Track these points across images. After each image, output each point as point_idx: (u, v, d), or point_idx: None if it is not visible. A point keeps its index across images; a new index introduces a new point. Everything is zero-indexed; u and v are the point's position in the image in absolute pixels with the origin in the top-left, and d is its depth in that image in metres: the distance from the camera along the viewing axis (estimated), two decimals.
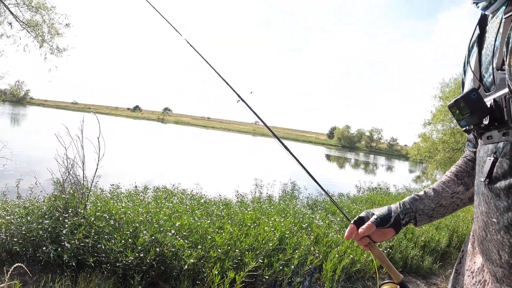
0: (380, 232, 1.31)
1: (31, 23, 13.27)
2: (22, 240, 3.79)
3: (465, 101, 1.02)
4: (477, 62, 1.12)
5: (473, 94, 1.01)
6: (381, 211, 1.34)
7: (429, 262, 5.94)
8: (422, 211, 1.32)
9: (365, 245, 1.32)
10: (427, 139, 27.45)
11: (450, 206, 1.34)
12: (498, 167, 0.96)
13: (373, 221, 1.30)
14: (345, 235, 1.34)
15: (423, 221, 1.33)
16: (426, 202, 1.33)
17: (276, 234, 4.61)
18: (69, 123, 4.71)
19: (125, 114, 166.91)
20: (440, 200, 1.33)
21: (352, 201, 9.86)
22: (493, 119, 0.98)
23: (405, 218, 1.31)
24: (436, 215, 1.34)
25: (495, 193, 0.97)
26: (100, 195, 5.33)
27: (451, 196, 1.34)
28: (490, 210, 1.00)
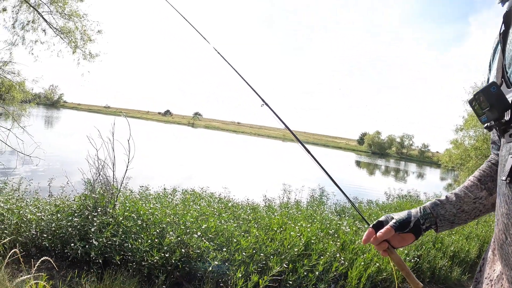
0: (400, 237, 1.28)
1: (64, 29, 13.62)
2: (51, 236, 3.91)
3: (485, 94, 1.00)
4: (501, 59, 1.09)
5: (493, 88, 0.99)
6: (400, 215, 1.30)
7: (457, 273, 5.78)
8: (443, 216, 1.28)
9: (384, 250, 1.28)
10: (459, 146, 26.80)
11: (472, 212, 1.29)
12: None
13: (392, 225, 1.27)
14: (363, 239, 1.31)
15: (444, 226, 1.29)
16: (447, 207, 1.29)
17: (302, 240, 4.58)
18: (100, 126, 4.82)
19: (156, 118, 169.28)
20: (462, 206, 1.29)
21: (380, 208, 9.72)
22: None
23: (425, 223, 1.27)
24: (458, 221, 1.30)
25: None
26: (129, 196, 5.42)
27: (473, 201, 1.29)
28: (510, 211, 0.95)
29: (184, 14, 2.23)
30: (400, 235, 1.28)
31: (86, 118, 69.34)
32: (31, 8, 12.95)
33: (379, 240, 1.26)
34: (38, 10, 13.04)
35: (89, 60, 14.52)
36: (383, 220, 1.32)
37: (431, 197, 14.90)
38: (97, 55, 14.66)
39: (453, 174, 42.94)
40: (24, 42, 13.48)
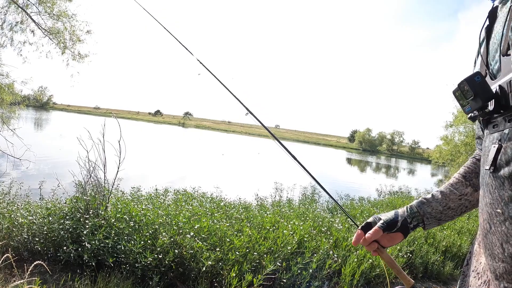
0: (389, 236, 1.31)
1: (53, 30, 13.50)
2: (43, 240, 3.89)
3: (469, 83, 1.01)
4: (485, 52, 1.11)
5: (477, 77, 1.00)
6: (387, 215, 1.34)
7: (450, 268, 5.83)
8: (430, 214, 1.31)
9: (374, 250, 1.32)
10: (449, 142, 27.02)
11: (458, 209, 1.33)
12: (502, 154, 0.93)
13: (379, 226, 1.30)
14: (352, 240, 1.35)
15: (431, 224, 1.32)
16: (433, 205, 1.32)
17: (295, 238, 4.60)
18: (91, 127, 4.80)
19: (146, 118, 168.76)
20: (448, 203, 1.32)
21: (372, 205, 9.77)
22: (499, 105, 0.96)
23: (412, 222, 1.31)
24: (445, 218, 1.33)
25: (499, 182, 0.94)
26: (121, 198, 5.40)
27: (459, 198, 1.32)
28: (494, 200, 0.96)
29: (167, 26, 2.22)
30: (389, 234, 1.31)
31: (76, 120, 68.90)
32: (20, 8, 12.83)
33: (368, 241, 1.30)
34: (26, 11, 12.93)
35: (78, 61, 14.43)
36: (371, 221, 1.35)
37: (422, 193, 15.03)
38: (86, 55, 14.57)
39: (444, 170, 43.28)
40: (13, 43, 13.36)
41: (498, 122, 0.99)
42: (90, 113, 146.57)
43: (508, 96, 0.93)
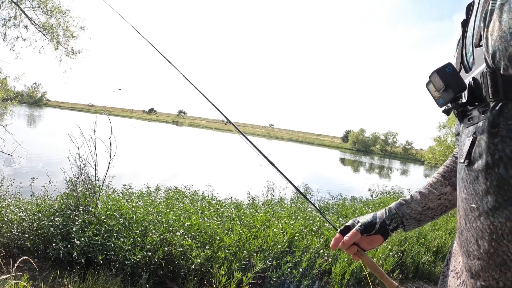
0: (368, 239, 1.30)
1: (46, 26, 13.43)
2: (33, 236, 3.87)
3: (439, 74, 1.01)
4: (461, 47, 1.11)
5: (448, 68, 1.00)
6: (366, 218, 1.33)
7: (441, 268, 5.83)
8: (409, 215, 1.31)
9: (354, 253, 1.30)
10: (442, 143, 27.19)
11: (438, 208, 1.32)
12: (476, 146, 0.92)
13: (357, 229, 1.29)
14: (331, 244, 1.33)
15: (411, 225, 1.32)
16: (412, 206, 1.32)
17: (285, 236, 4.60)
18: (83, 124, 4.78)
19: (140, 116, 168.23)
20: (427, 203, 1.32)
21: (364, 204, 9.80)
22: (473, 97, 0.96)
23: (391, 224, 1.30)
24: (425, 219, 1.33)
25: (473, 176, 0.93)
26: (112, 195, 5.38)
27: (438, 198, 1.32)
28: (469, 195, 0.95)
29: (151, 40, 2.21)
30: (368, 237, 1.30)
31: (69, 117, 68.58)
32: (13, 3, 12.76)
33: (346, 244, 1.28)
34: (20, 6, 12.86)
35: (72, 57, 14.39)
36: (350, 224, 1.34)
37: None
38: (79, 52, 14.54)
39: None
40: (6, 38, 13.31)
41: (473, 115, 0.98)
42: (83, 110, 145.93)
43: (481, 87, 0.92)
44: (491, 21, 0.84)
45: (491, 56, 0.84)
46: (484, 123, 0.90)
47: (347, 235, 1.28)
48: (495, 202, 0.84)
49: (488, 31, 0.85)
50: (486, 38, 0.86)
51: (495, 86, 0.86)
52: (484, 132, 0.89)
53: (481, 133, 0.90)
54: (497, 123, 0.85)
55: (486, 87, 0.89)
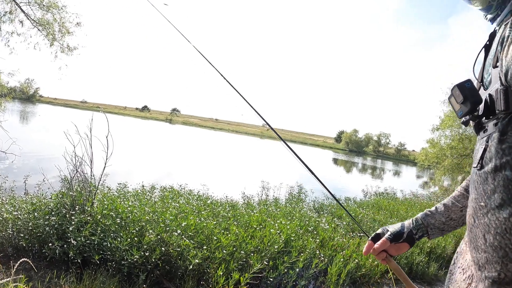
0: (396, 246, 1.44)
1: (42, 21, 13.29)
2: (28, 236, 3.82)
3: (459, 88, 1.13)
4: (482, 67, 1.23)
5: (467, 83, 1.12)
6: (395, 227, 1.47)
7: (434, 269, 5.89)
8: (433, 225, 1.44)
9: (383, 259, 1.45)
10: (435, 145, 27.26)
11: (460, 219, 1.44)
12: (487, 152, 1.03)
13: (387, 238, 1.43)
14: (363, 251, 1.49)
15: (435, 234, 1.45)
16: (437, 217, 1.45)
17: (281, 237, 4.60)
18: (78, 122, 4.74)
19: (133, 113, 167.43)
20: (450, 214, 1.44)
21: (358, 205, 9.84)
22: (488, 111, 1.06)
23: (418, 233, 1.43)
24: (447, 228, 1.45)
25: (483, 178, 1.04)
26: (107, 194, 5.35)
27: (460, 210, 1.43)
28: (478, 195, 1.06)
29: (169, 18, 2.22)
30: (396, 245, 1.43)
31: (63, 113, 68.21)
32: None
33: (377, 251, 1.43)
34: (16, 1, 12.72)
35: (67, 53, 14.25)
36: (380, 232, 1.49)
37: (407, 195, 15.18)
38: (75, 48, 14.40)
39: (429, 173, 43.65)
40: (0, 33, 13.14)
41: (488, 127, 1.08)
42: (77, 107, 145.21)
43: (495, 102, 1.03)
44: (505, 45, 0.99)
45: (504, 74, 0.98)
46: (495, 133, 1.01)
47: (377, 243, 1.43)
48: (501, 200, 0.95)
49: (503, 53, 1.00)
50: (501, 59, 1.01)
51: (507, 100, 0.98)
52: (495, 139, 1.01)
53: (492, 141, 1.02)
54: (506, 131, 0.98)
55: (499, 102, 1.01)
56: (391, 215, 8.87)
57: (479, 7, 1.23)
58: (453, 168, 25.31)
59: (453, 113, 24.96)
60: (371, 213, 8.35)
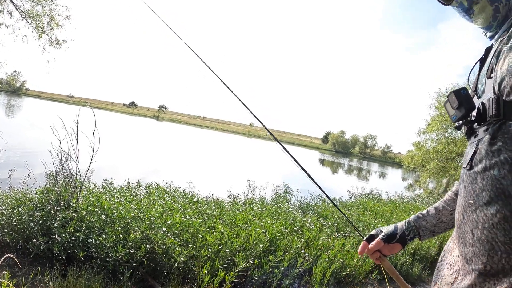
0: (389, 246, 1.54)
1: (31, 13, 13.13)
2: (12, 232, 3.77)
3: (455, 94, 1.23)
4: (476, 78, 1.35)
5: (463, 91, 1.23)
6: (388, 229, 1.57)
7: (418, 270, 5.97)
8: (424, 227, 1.54)
9: (376, 258, 1.54)
10: (421, 148, 27.55)
11: (450, 222, 1.54)
12: (477, 154, 1.14)
13: (381, 238, 1.54)
14: (358, 250, 1.59)
15: (426, 235, 1.55)
16: (428, 219, 1.55)
17: (267, 236, 4.62)
18: (64, 116, 4.69)
19: (120, 109, 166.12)
20: (440, 217, 1.55)
21: (344, 206, 9.89)
22: (480, 117, 1.17)
23: (410, 234, 1.54)
24: (438, 230, 1.55)
25: (472, 178, 1.14)
26: (93, 190, 5.31)
27: (450, 213, 1.54)
28: (467, 194, 1.16)
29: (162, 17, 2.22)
30: (389, 245, 1.54)
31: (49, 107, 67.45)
32: None
33: (371, 250, 1.53)
34: None
35: (55, 46, 14.12)
36: (374, 233, 1.59)
37: (392, 196, 15.32)
38: (64, 41, 14.28)
39: (415, 175, 44.06)
40: None
41: (479, 132, 1.19)
42: (63, 101, 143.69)
43: (487, 109, 1.14)
44: (501, 58, 1.11)
45: (498, 84, 1.09)
46: (485, 137, 1.12)
47: (372, 243, 1.54)
48: (489, 197, 1.06)
49: (498, 65, 1.12)
50: (496, 70, 1.12)
51: (498, 108, 1.09)
52: (485, 142, 1.11)
53: (482, 144, 1.13)
54: (496, 136, 1.08)
55: (490, 109, 1.12)
56: (376, 216, 8.93)
57: (480, 26, 1.34)
58: (438, 171, 25.60)
59: (440, 117, 25.46)
60: (357, 214, 8.39)
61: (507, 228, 1.01)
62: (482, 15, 1.29)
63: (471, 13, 1.30)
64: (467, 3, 1.29)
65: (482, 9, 1.27)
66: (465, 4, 1.30)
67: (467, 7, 1.29)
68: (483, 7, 1.27)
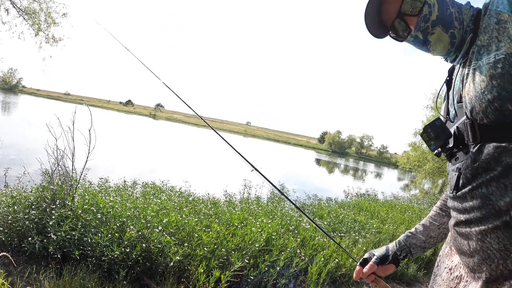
0: (383, 268, 1.59)
1: (28, 10, 13.08)
2: (7, 230, 3.76)
3: (431, 127, 1.31)
4: (446, 101, 1.42)
5: (437, 122, 1.30)
6: (380, 251, 1.63)
7: (413, 270, 5.99)
8: (415, 244, 1.61)
9: (372, 280, 1.60)
10: (417, 149, 27.62)
11: (439, 236, 1.62)
12: (462, 178, 1.20)
13: (374, 261, 1.59)
14: (354, 276, 1.64)
15: (417, 252, 1.62)
16: (417, 237, 1.62)
17: (263, 235, 4.62)
18: (60, 114, 4.67)
19: (117, 108, 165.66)
20: (429, 233, 1.61)
21: (339, 205, 9.91)
22: (457, 142, 1.25)
23: (401, 254, 1.60)
24: (428, 245, 1.63)
25: (461, 198, 1.20)
26: (88, 188, 5.30)
27: (437, 227, 1.61)
28: (459, 212, 1.23)
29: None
30: (383, 266, 1.59)
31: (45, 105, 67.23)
32: None
33: (366, 274, 1.59)
34: None
35: (52, 44, 14.08)
36: (367, 257, 1.64)
37: (388, 197, 15.34)
38: (60, 39, 14.24)
39: (410, 175, 44.18)
40: None
41: (459, 155, 1.26)
42: (60, 99, 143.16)
43: (463, 134, 1.22)
44: (467, 83, 1.20)
45: (470, 111, 1.17)
46: (467, 161, 1.19)
47: (366, 267, 1.59)
48: (480, 214, 1.12)
49: (465, 90, 1.20)
50: (464, 97, 1.20)
51: (474, 132, 1.16)
52: (468, 167, 1.17)
53: (465, 169, 1.19)
54: (477, 159, 1.14)
55: (467, 134, 1.19)
56: (371, 216, 8.96)
57: (439, 55, 1.38)
58: (433, 172, 25.68)
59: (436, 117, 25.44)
60: (352, 214, 8.41)
61: (500, 236, 1.07)
62: (440, 44, 1.32)
63: (428, 44, 1.32)
64: (422, 35, 1.31)
65: (438, 38, 1.30)
66: (420, 37, 1.32)
67: (423, 39, 1.32)
68: (438, 36, 1.30)
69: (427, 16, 1.28)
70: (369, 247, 5.81)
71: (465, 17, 1.30)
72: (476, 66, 1.17)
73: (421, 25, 1.30)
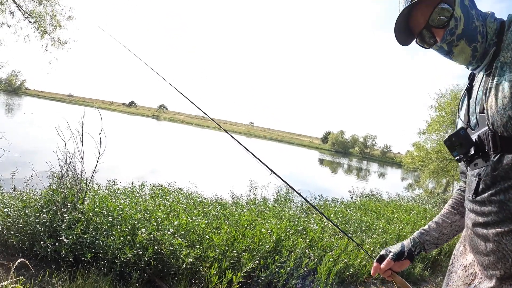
0: (399, 263, 1.68)
1: (33, 13, 13.10)
2: (19, 234, 3.74)
3: (456, 136, 1.39)
4: (467, 108, 1.48)
5: (462, 131, 1.38)
6: (396, 248, 1.71)
7: (420, 269, 5.99)
8: (428, 241, 1.71)
9: (388, 275, 1.68)
10: (421, 148, 27.52)
11: (451, 233, 1.72)
12: (482, 184, 1.29)
13: (391, 258, 1.67)
14: (371, 272, 1.74)
15: (430, 248, 1.71)
16: (431, 234, 1.72)
17: (272, 236, 4.63)
18: (65, 116, 4.69)
19: (120, 109, 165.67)
20: (442, 230, 1.71)
21: (345, 206, 9.92)
22: (478, 150, 1.32)
23: (416, 250, 1.69)
24: (441, 242, 1.72)
25: (480, 202, 1.30)
26: (97, 191, 5.31)
27: (450, 225, 1.71)
28: (477, 215, 1.32)
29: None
30: (399, 262, 1.68)
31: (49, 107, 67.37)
32: None
33: (383, 270, 1.67)
34: None
35: (58, 47, 14.11)
36: (384, 253, 1.73)
37: (393, 196, 15.35)
38: (66, 42, 14.27)
39: (414, 175, 44.07)
40: None
41: (478, 162, 1.34)
42: (63, 100, 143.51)
43: (484, 143, 1.29)
44: (489, 97, 1.26)
45: (492, 124, 1.24)
46: (487, 168, 1.27)
47: (383, 264, 1.67)
48: (497, 218, 1.22)
49: (487, 104, 1.27)
50: (487, 110, 1.27)
51: (495, 142, 1.24)
52: (488, 175, 1.26)
53: (485, 176, 1.28)
54: (497, 168, 1.23)
55: (488, 143, 1.27)
56: (377, 216, 8.97)
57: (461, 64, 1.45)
58: (438, 172, 25.58)
59: (440, 118, 25.46)
60: (358, 214, 8.43)
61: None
62: (462, 56, 1.39)
63: (451, 54, 1.40)
64: (447, 46, 1.38)
65: (461, 50, 1.37)
66: (445, 48, 1.39)
67: (447, 50, 1.39)
68: (462, 49, 1.37)
69: (453, 30, 1.34)
70: (376, 247, 5.82)
71: (489, 30, 1.36)
72: (499, 82, 1.24)
73: (447, 38, 1.36)
